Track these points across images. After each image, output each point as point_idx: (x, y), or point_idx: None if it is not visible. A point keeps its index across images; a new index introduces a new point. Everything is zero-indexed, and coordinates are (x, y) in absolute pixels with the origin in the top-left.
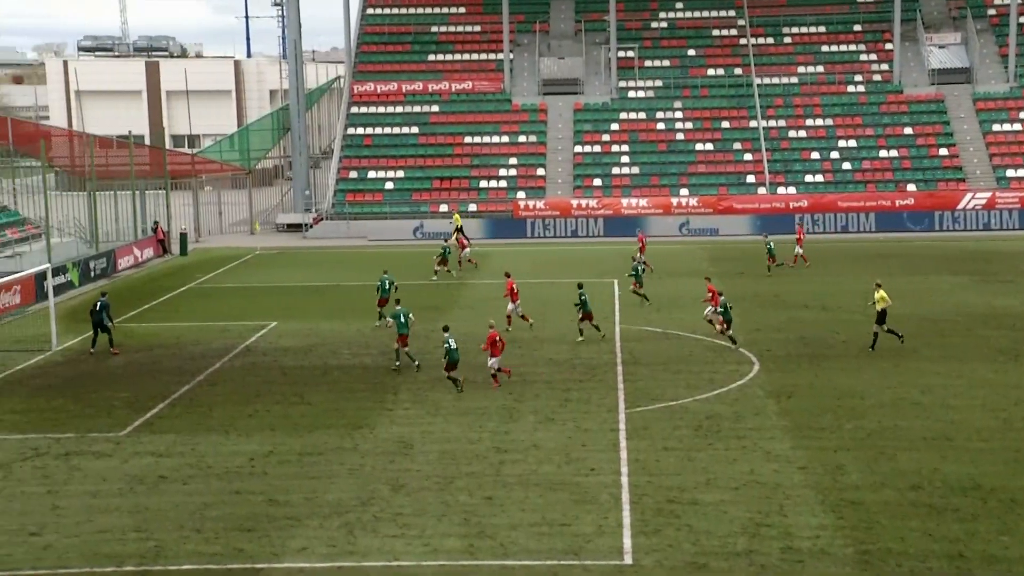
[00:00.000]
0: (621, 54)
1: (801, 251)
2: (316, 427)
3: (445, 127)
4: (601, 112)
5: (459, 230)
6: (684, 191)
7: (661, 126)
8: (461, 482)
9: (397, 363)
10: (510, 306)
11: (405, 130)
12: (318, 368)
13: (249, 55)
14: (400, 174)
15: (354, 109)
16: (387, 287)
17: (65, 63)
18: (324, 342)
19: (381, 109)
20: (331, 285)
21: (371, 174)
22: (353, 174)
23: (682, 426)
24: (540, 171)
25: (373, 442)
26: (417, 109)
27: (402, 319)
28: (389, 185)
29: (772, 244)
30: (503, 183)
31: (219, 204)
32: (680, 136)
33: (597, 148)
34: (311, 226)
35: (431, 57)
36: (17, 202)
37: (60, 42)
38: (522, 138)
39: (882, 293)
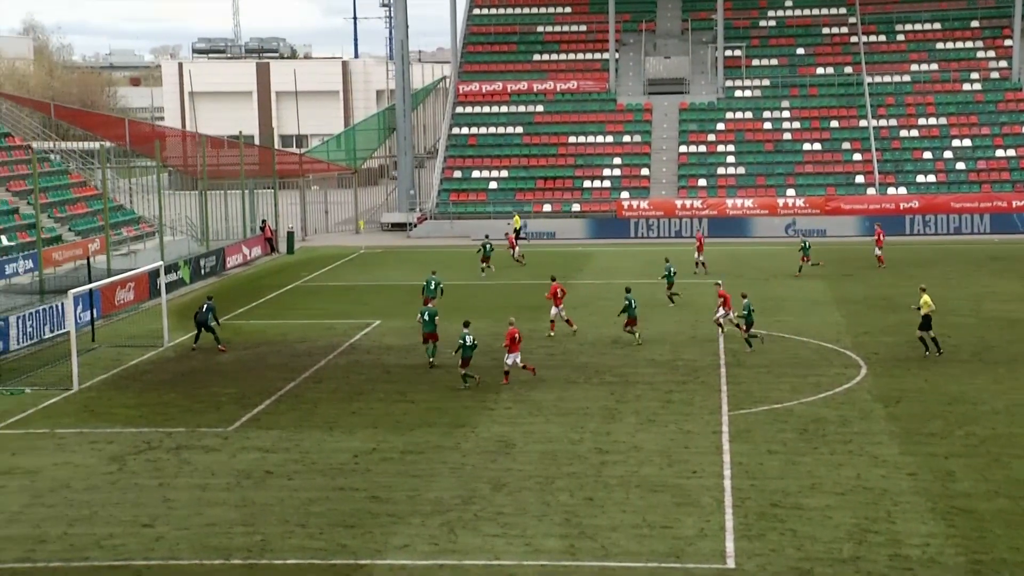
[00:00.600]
0: (728, 53)
1: (879, 252)
2: (418, 425)
3: (549, 127)
4: (707, 112)
5: (516, 231)
6: (791, 191)
7: (768, 126)
8: (562, 482)
9: (432, 359)
10: (553, 310)
11: (510, 130)
12: (420, 367)
13: (357, 56)
14: (504, 174)
15: (459, 109)
16: (432, 288)
17: (180, 65)
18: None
19: (486, 109)
20: (452, 284)
21: (475, 174)
22: (457, 174)
23: (786, 429)
24: (644, 171)
25: (474, 441)
26: (522, 109)
27: (426, 317)
28: (493, 185)
29: (808, 243)
30: (607, 183)
31: (325, 203)
32: (787, 136)
33: (702, 148)
34: (415, 225)
35: (536, 57)
36: (132, 201)
37: (175, 44)
38: (626, 138)
39: (926, 298)
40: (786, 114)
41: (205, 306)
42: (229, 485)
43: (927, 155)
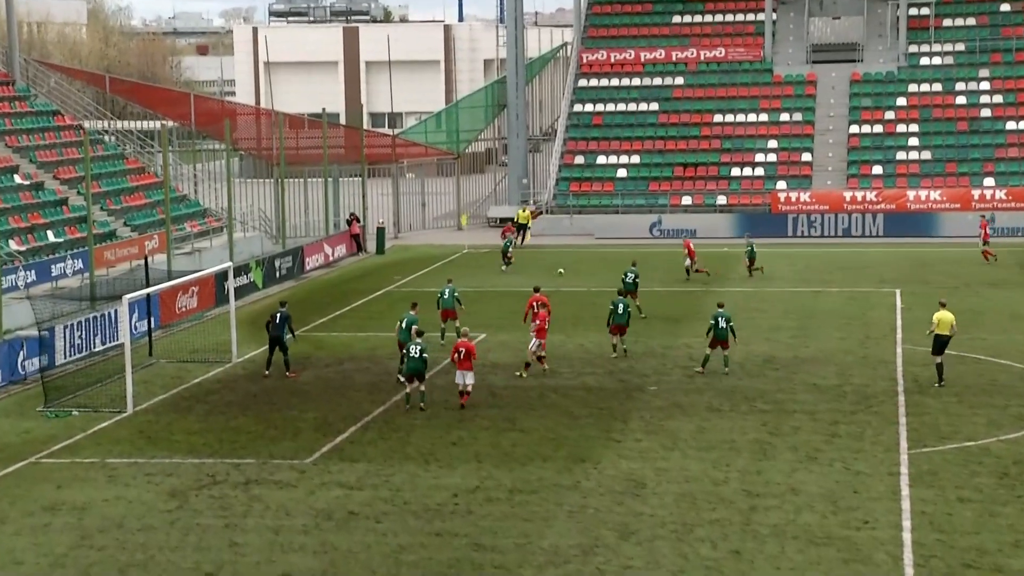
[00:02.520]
0: (913, 12)
1: (985, 247)
2: (530, 459)
3: (691, 103)
4: (884, 84)
5: (522, 226)
6: (989, 181)
7: (961, 100)
8: (703, 531)
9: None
10: (533, 342)
11: (643, 107)
12: (533, 389)
13: (461, 19)
14: (635, 159)
15: (582, 82)
16: (448, 297)
17: (254, 30)
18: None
19: (614, 82)
20: (550, 291)
21: (600, 159)
22: (579, 159)
23: (982, 472)
24: (806, 156)
25: (597, 479)
26: (657, 82)
27: (403, 324)
28: (622, 172)
29: (754, 246)
30: (760, 171)
31: (422, 194)
32: (986, 112)
33: (878, 128)
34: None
35: (676, 19)
36: (198, 191)
37: (249, 7)
38: (784, 116)
39: (944, 314)
40: (985, 86)
41: (278, 315)
42: (307, 528)
43: None
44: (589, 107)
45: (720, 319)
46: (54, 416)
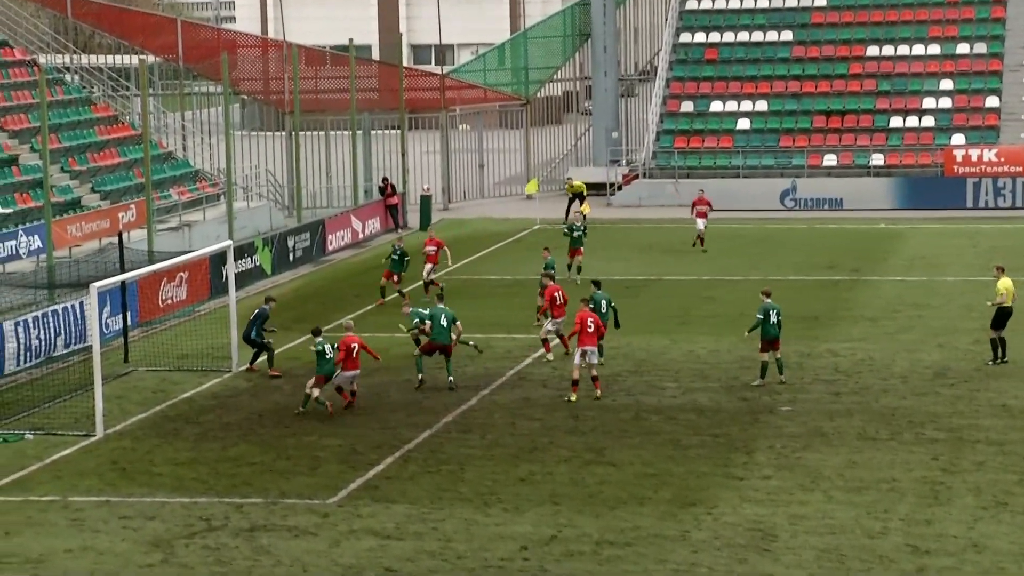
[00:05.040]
0: None
1: None
2: (623, 502)
3: (836, 31)
4: None
5: (578, 195)
6: None
7: None
8: None
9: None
10: (549, 324)
11: (771, 36)
12: (627, 408)
13: None
14: (761, 106)
15: (691, 3)
16: (397, 257)
17: None
18: (637, 368)
19: (733, 3)
20: (651, 280)
21: (715, 106)
22: (687, 106)
23: None
24: (991, 101)
25: (712, 528)
26: (791, 3)
27: (443, 322)
28: (743, 123)
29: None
30: (928, 120)
31: (480, 152)
32: None
33: None
34: (620, 187)
35: None
36: (187, 146)
37: None
38: (963, 48)
39: (1005, 282)
40: None
41: (255, 313)
42: None
43: None
44: (700, 37)
45: (772, 312)
46: (2, 440)
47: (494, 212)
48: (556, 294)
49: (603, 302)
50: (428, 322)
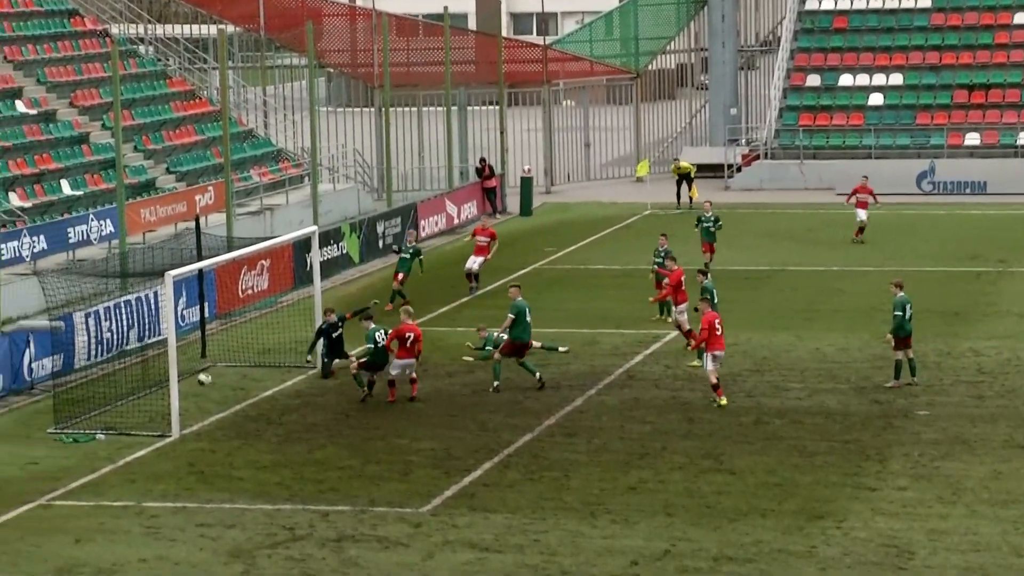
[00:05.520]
0: None
1: None
2: (743, 514)
3: None
4: None
5: (684, 176)
6: None
7: None
8: None
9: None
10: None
11: (906, 2)
12: (748, 411)
13: None
14: (896, 79)
15: None
16: (409, 255)
17: None
18: (758, 367)
19: None
20: (774, 270)
21: (844, 79)
22: (813, 79)
23: None
24: None
25: (843, 544)
26: None
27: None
28: (876, 99)
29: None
30: None
31: (586, 130)
32: None
33: None
34: (739, 168)
35: None
36: (269, 124)
37: None
38: None
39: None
40: None
41: (325, 324)
42: None
43: None
44: (828, 3)
45: (908, 308)
46: (71, 440)
47: (601, 196)
48: (683, 279)
49: (713, 292)
50: (511, 316)
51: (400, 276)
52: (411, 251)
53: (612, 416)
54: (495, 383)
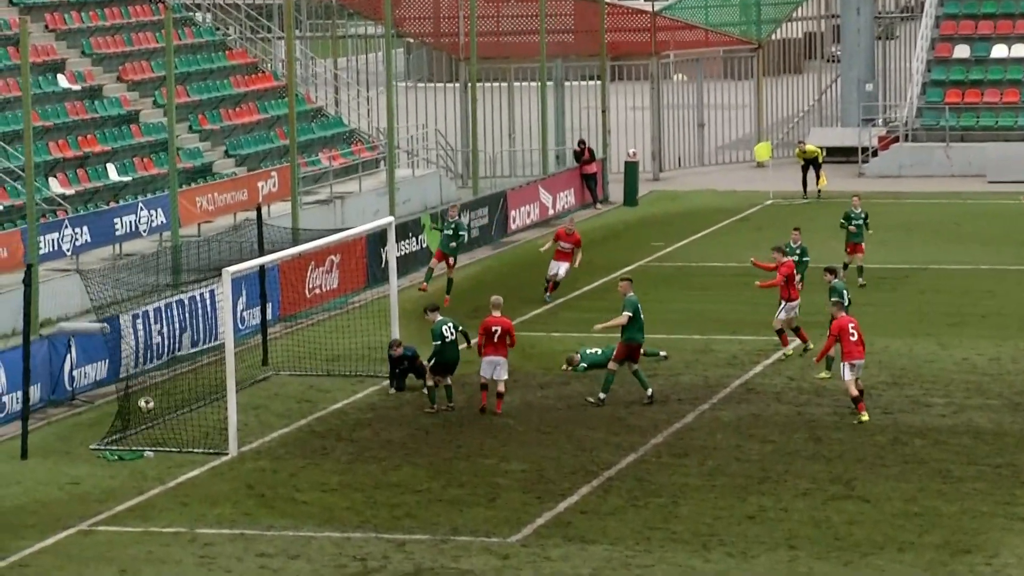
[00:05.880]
0: None
1: None
2: (879, 547)
3: None
4: None
5: (811, 162)
6: None
7: None
8: None
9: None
10: (781, 312)
11: None
12: (884, 429)
13: None
14: None
15: None
16: (451, 231)
17: None
18: (896, 380)
19: None
20: (915, 269)
21: (996, 50)
22: (961, 50)
23: None
24: None
25: None
26: None
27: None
28: None
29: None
30: None
31: (699, 107)
32: None
33: None
34: (875, 152)
35: None
36: (340, 101)
37: None
38: None
39: None
40: None
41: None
42: None
43: None
44: None
45: None
46: (117, 458)
47: (716, 183)
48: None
49: (843, 293)
50: (628, 314)
51: (449, 260)
52: (452, 226)
53: (728, 434)
54: (601, 395)
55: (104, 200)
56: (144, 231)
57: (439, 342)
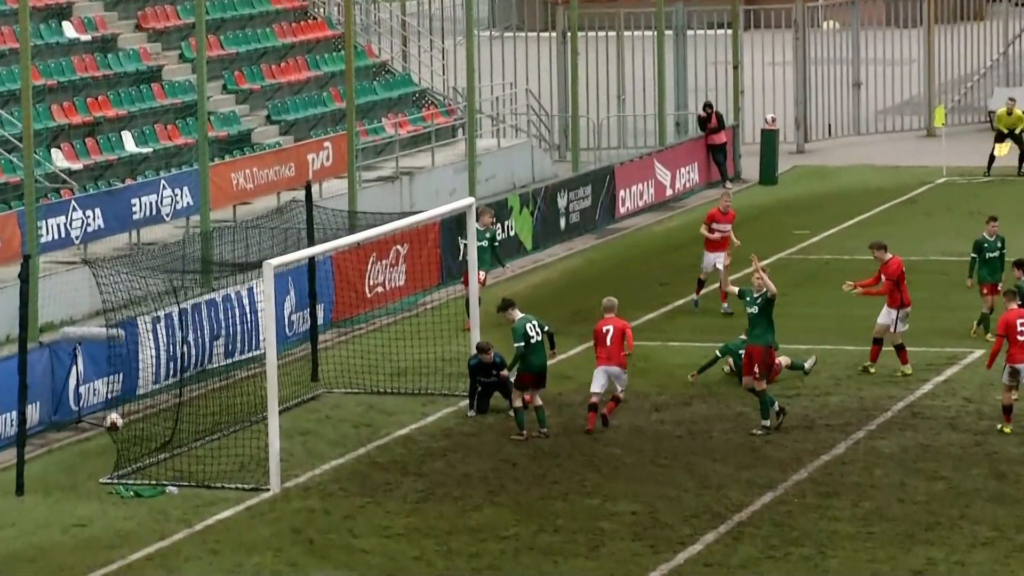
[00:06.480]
0: None
1: None
2: None
3: None
4: None
5: (1006, 134)
6: None
7: None
8: None
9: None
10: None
11: None
12: None
13: None
14: None
15: None
16: (487, 242)
17: None
18: None
19: None
20: None
21: None
22: None
23: None
24: None
25: None
26: None
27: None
28: None
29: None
30: None
31: (855, 63)
32: None
33: None
34: None
35: None
36: (408, 55)
37: None
38: None
39: None
40: None
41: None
42: None
43: None
44: None
45: None
46: (132, 495)
47: (876, 157)
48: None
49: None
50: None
51: (480, 274)
52: (486, 237)
53: (889, 469)
54: (764, 422)
55: (119, 176)
56: (167, 215)
57: (522, 343)
